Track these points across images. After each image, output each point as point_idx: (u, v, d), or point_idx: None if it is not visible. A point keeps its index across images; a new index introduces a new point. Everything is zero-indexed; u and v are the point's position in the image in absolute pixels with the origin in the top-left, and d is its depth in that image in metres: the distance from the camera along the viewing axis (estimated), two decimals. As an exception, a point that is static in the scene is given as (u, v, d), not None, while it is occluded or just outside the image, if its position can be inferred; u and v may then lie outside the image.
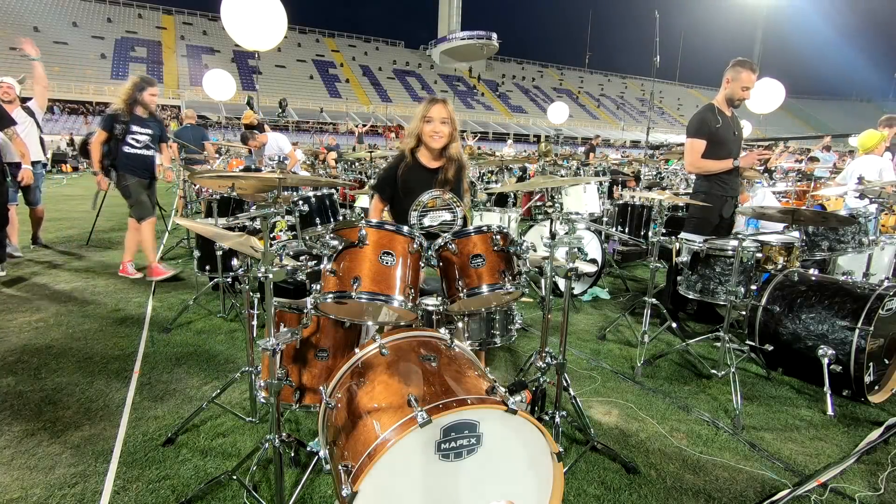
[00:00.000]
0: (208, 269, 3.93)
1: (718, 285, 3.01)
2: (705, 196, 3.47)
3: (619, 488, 1.98)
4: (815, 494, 1.95)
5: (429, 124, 2.45)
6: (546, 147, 10.63)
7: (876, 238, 3.39)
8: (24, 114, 5.15)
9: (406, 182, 2.54)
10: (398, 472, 1.36)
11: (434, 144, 2.46)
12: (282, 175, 1.95)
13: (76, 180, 15.18)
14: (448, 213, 2.50)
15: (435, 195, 2.47)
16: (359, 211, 5.74)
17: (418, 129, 2.47)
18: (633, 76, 75.29)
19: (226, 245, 2.64)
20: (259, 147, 6.30)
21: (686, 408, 2.64)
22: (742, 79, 3.33)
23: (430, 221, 2.47)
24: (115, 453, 2.08)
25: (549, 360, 2.15)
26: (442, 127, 2.44)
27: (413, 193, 2.48)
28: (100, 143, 4.26)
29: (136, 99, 4.27)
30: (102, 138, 4.26)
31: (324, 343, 2.03)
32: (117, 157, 4.30)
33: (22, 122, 4.96)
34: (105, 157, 4.29)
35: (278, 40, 6.25)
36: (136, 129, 4.31)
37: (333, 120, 38.25)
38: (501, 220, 4.78)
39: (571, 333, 3.65)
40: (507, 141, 27.03)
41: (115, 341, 3.21)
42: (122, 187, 4.37)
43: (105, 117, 4.30)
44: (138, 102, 4.29)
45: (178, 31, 48.48)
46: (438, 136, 2.45)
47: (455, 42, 59.66)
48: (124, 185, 4.36)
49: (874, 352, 2.69)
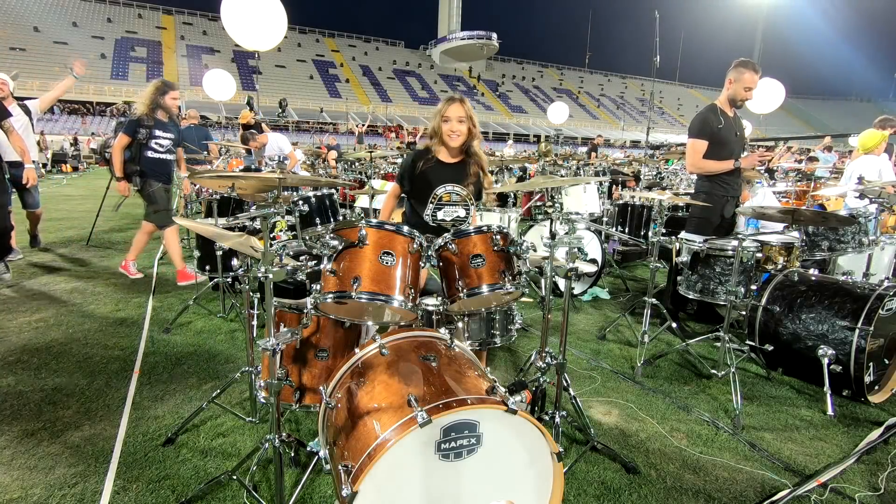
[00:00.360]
0: (208, 269, 3.93)
1: (718, 285, 3.01)
2: (706, 196, 3.47)
3: (619, 488, 1.98)
4: (815, 494, 1.95)
5: (446, 123, 2.51)
6: (546, 147, 10.63)
7: (876, 238, 3.39)
8: (21, 111, 4.97)
9: (424, 175, 2.59)
10: (398, 472, 1.36)
11: (452, 143, 2.52)
12: (282, 175, 1.95)
13: (76, 180, 15.19)
14: (462, 210, 2.56)
15: (450, 189, 2.52)
16: (359, 211, 5.74)
17: (437, 127, 2.54)
18: (633, 76, 75.33)
19: (226, 245, 2.65)
20: (259, 147, 6.30)
21: (686, 408, 2.64)
22: (745, 79, 3.32)
23: (443, 216, 2.53)
24: (115, 453, 2.08)
25: (549, 360, 2.15)
26: (459, 126, 2.50)
27: (430, 187, 2.54)
28: (122, 148, 4.18)
29: (159, 103, 4.21)
30: (125, 143, 4.17)
31: (324, 343, 2.03)
32: (141, 162, 4.22)
33: (17, 118, 4.77)
34: (127, 162, 4.22)
35: (278, 40, 6.26)
36: (158, 134, 4.25)
37: (333, 120, 38.25)
38: (501, 220, 4.78)
39: (571, 333, 3.65)
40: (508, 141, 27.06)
41: (115, 341, 3.21)
42: (148, 194, 4.28)
43: (129, 122, 4.22)
44: (160, 106, 4.22)
45: (178, 31, 48.51)
46: (456, 134, 2.51)
47: (455, 42, 59.69)
48: (150, 192, 4.27)
49: (874, 352, 2.69)
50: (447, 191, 2.51)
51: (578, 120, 52.39)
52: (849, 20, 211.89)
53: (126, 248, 5.82)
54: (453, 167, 2.61)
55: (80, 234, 6.34)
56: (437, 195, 2.51)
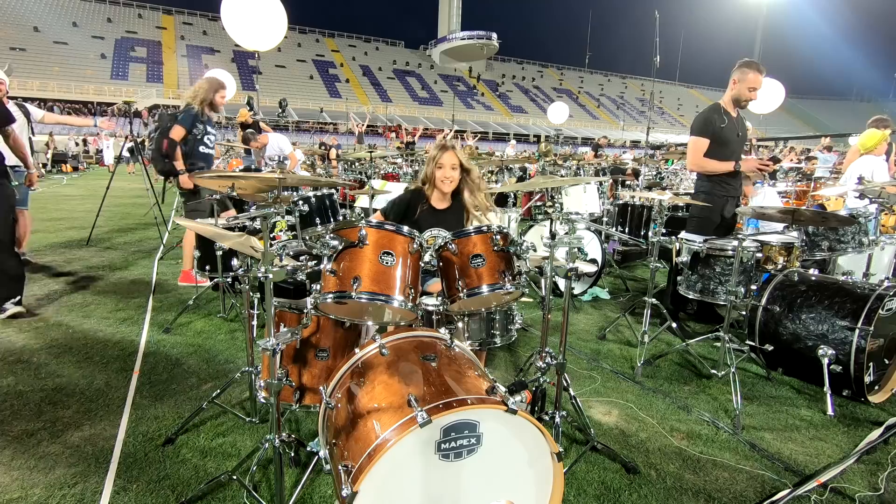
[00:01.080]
0: (208, 269, 3.93)
1: (718, 285, 3.01)
2: (706, 196, 3.47)
3: (619, 488, 1.98)
4: (815, 494, 1.95)
5: (440, 170, 2.61)
6: (546, 147, 10.64)
7: (876, 238, 3.39)
8: (18, 111, 4.80)
9: (417, 223, 2.67)
10: (398, 472, 1.36)
11: (444, 189, 2.63)
12: (282, 175, 1.95)
13: (76, 180, 15.19)
14: None
15: (435, 233, 2.59)
16: (359, 211, 5.74)
17: (430, 173, 2.64)
18: (633, 76, 75.33)
19: (226, 245, 2.65)
20: (260, 148, 6.30)
21: (686, 408, 2.64)
22: (749, 80, 3.32)
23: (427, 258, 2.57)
24: (115, 453, 2.08)
25: (549, 360, 2.15)
26: (452, 172, 2.61)
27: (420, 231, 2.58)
28: (181, 140, 4.15)
29: (211, 100, 4.22)
30: (182, 135, 4.14)
31: (324, 343, 2.03)
32: (194, 156, 4.24)
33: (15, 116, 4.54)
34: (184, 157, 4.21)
35: (278, 40, 6.25)
36: (210, 130, 4.31)
37: (333, 120, 38.24)
38: (501, 220, 4.78)
39: (571, 333, 3.65)
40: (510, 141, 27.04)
41: (115, 341, 3.21)
42: (199, 189, 4.25)
43: (189, 116, 4.17)
44: (212, 104, 4.25)
45: (178, 31, 48.50)
46: (449, 181, 2.62)
47: (455, 42, 59.67)
48: (200, 187, 4.24)
49: (874, 352, 2.69)
50: (433, 234, 2.58)
51: (578, 120, 52.37)
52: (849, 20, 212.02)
53: (126, 248, 5.84)
54: (442, 213, 2.72)
55: (80, 235, 6.33)
56: None
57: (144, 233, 6.75)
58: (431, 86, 54.59)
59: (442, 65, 61.21)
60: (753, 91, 3.36)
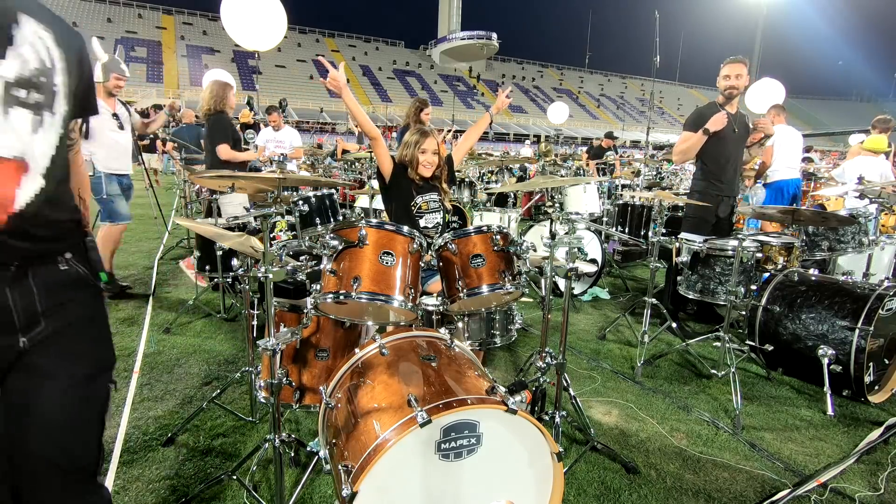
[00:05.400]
0: (208, 269, 3.92)
1: (718, 285, 3.01)
2: (700, 195, 3.48)
3: (619, 488, 1.98)
4: (815, 494, 1.95)
5: (423, 155, 2.63)
6: (546, 147, 10.63)
7: (876, 238, 3.39)
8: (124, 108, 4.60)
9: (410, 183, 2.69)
10: (398, 472, 1.36)
11: (425, 173, 2.66)
12: (282, 175, 1.95)
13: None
14: (438, 215, 2.72)
15: (427, 198, 2.69)
16: (359, 211, 5.74)
17: (412, 157, 2.64)
18: (633, 76, 75.25)
19: (226, 245, 2.64)
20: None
21: (686, 408, 2.64)
22: (723, 71, 3.40)
23: (425, 223, 2.67)
24: (115, 453, 2.08)
25: (549, 360, 2.15)
26: (433, 157, 2.66)
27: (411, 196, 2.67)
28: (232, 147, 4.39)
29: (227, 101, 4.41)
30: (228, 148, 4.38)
31: (324, 343, 2.03)
32: None
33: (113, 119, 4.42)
34: None
35: (278, 40, 6.24)
36: None
37: (333, 120, 38.24)
38: (501, 220, 4.78)
39: (571, 333, 3.65)
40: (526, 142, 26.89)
41: (115, 341, 3.20)
42: None
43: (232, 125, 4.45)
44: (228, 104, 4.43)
45: (178, 31, 48.45)
46: (431, 165, 2.67)
47: (455, 42, 59.61)
48: None
49: (874, 352, 2.69)
50: (425, 199, 2.68)
51: (578, 120, 52.32)
52: (849, 20, 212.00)
53: (126, 247, 5.83)
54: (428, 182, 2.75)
55: (80, 234, 6.32)
56: (416, 203, 2.66)
57: (144, 233, 6.75)
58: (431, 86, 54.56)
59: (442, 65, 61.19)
60: (726, 79, 3.40)
